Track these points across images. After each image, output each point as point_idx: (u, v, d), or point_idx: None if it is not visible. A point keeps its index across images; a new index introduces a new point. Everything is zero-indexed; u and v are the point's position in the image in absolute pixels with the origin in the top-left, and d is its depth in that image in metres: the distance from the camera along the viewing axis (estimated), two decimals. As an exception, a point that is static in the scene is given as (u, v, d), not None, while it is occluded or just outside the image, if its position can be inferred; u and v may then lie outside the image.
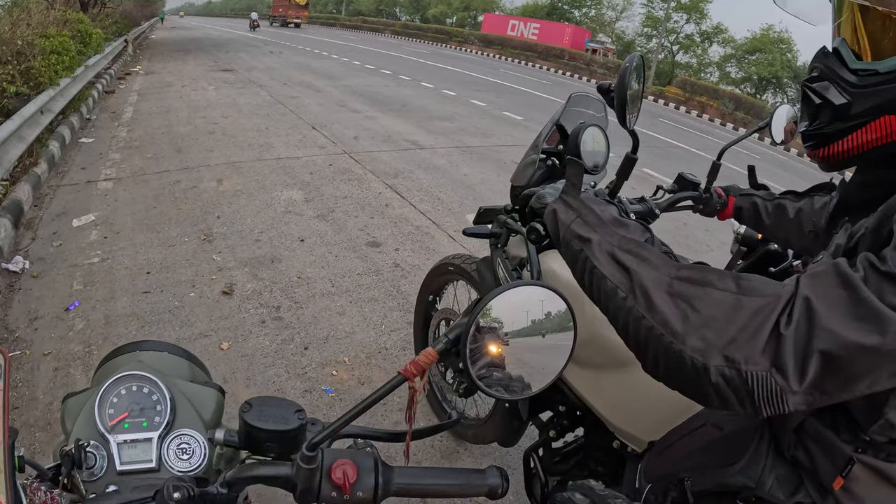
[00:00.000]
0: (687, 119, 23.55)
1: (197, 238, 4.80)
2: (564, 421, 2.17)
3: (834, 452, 1.12)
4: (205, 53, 19.34)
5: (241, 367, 3.31)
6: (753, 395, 0.84)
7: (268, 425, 0.96)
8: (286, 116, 9.90)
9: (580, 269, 1.14)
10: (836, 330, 0.79)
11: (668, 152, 12.95)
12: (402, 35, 49.01)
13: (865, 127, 1.00)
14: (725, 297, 0.90)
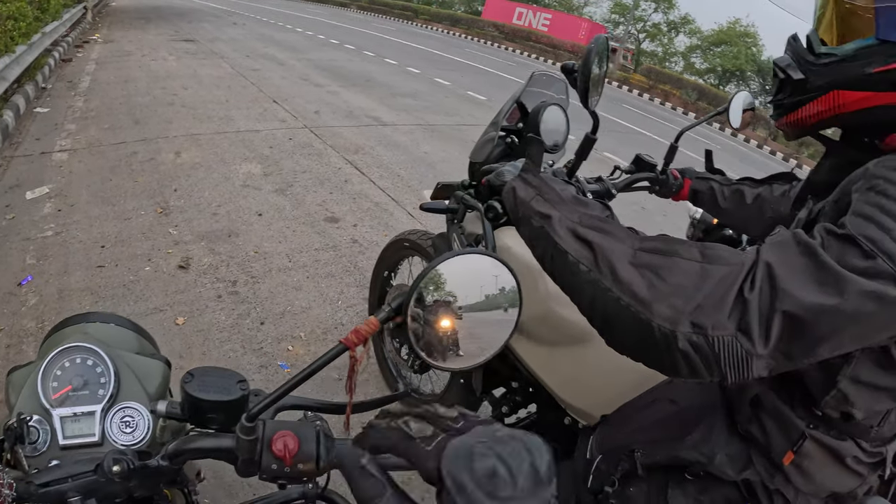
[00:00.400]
0: (650, 106, 23.70)
1: (153, 211, 4.76)
2: (517, 397, 2.19)
3: (787, 427, 1.19)
4: (166, 22, 18.97)
5: (196, 342, 3.30)
6: (720, 361, 0.87)
7: (209, 396, 0.94)
8: (247, 89, 9.80)
9: (540, 246, 1.14)
10: (797, 292, 0.84)
11: (630, 137, 13.09)
12: (368, 10, 48.35)
13: (817, 99, 1.11)
14: (691, 265, 0.93)
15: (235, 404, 0.95)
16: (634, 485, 1.48)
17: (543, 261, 1.14)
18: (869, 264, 0.83)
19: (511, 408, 2.20)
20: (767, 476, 1.25)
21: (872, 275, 0.82)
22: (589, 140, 1.78)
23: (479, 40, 35.19)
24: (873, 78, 1.02)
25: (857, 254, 0.84)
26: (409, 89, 12.52)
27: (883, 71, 1.00)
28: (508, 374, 2.16)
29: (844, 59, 1.06)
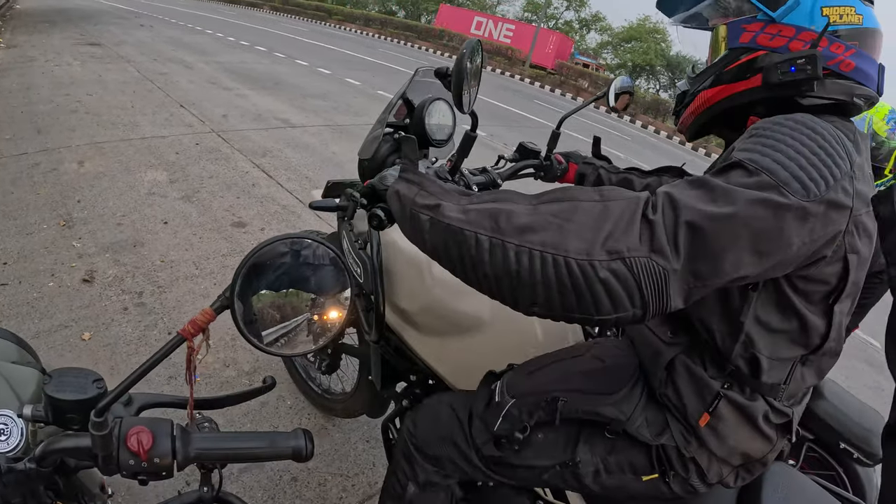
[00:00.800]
0: (561, 101, 24.06)
1: (56, 224, 4.68)
2: (417, 390, 2.24)
3: (702, 389, 1.32)
4: (72, 25, 18.36)
5: (103, 357, 3.29)
6: (641, 284, 0.95)
7: (66, 395, 0.96)
8: (154, 94, 9.61)
9: (431, 236, 1.14)
10: (695, 206, 0.96)
11: (540, 132, 13.31)
12: (281, 11, 47.55)
13: (693, 101, 1.47)
14: (592, 205, 1.01)
15: (92, 402, 0.94)
16: (546, 433, 1.54)
17: (437, 252, 1.15)
18: (754, 179, 0.99)
19: (411, 400, 2.23)
20: (683, 442, 1.36)
21: (757, 187, 0.98)
22: (469, 137, 1.84)
23: (392, 40, 35.17)
24: (726, 75, 1.36)
25: (742, 173, 1.01)
26: (319, 90, 12.50)
27: (730, 69, 1.34)
28: (407, 367, 2.20)
29: (710, 69, 1.41)
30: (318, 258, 1.08)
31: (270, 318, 1.06)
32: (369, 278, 1.96)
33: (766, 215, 0.97)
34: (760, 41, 1.28)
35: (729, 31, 1.35)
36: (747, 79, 1.31)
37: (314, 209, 1.98)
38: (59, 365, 3.01)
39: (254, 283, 1.01)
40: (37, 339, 3.26)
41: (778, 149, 1.03)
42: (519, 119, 15.32)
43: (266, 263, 1.03)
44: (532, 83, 29.32)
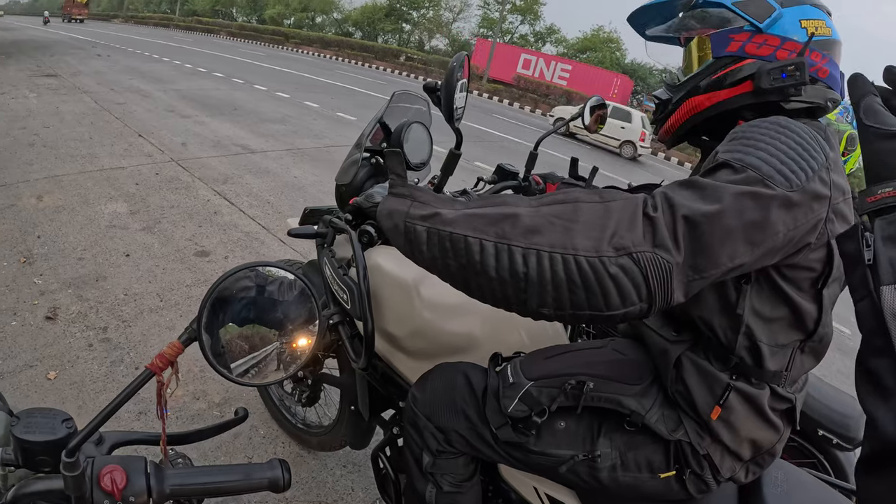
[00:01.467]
0: (520, 114, 24.38)
1: (17, 261, 4.61)
2: None
3: (711, 382, 1.37)
4: (28, 57, 18.16)
5: (70, 395, 3.23)
6: (648, 279, 0.97)
7: (35, 437, 0.92)
8: (112, 124, 9.53)
9: (430, 247, 1.12)
10: (690, 204, 1.01)
11: (501, 146, 13.51)
12: (238, 37, 47.59)
13: (678, 108, 1.51)
14: (594, 206, 1.05)
15: (63, 443, 0.91)
16: (567, 421, 1.55)
17: (436, 263, 1.12)
18: (741, 176, 1.05)
19: (402, 428, 2.11)
20: (697, 439, 1.40)
21: (744, 182, 1.04)
22: (453, 155, 1.86)
23: (350, 61, 35.30)
24: (713, 83, 1.42)
25: (729, 172, 1.07)
26: (277, 114, 12.52)
27: (719, 76, 1.41)
28: (394, 393, 2.14)
29: (694, 77, 1.47)
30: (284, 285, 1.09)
31: (239, 348, 1.06)
32: (356, 304, 1.87)
33: (755, 206, 1.02)
34: (749, 50, 1.36)
35: (714, 41, 1.42)
36: (736, 85, 1.39)
37: (293, 237, 1.99)
38: (26, 406, 3.01)
39: (220, 313, 1.01)
40: (1, 381, 3.22)
41: (760, 147, 1.10)
42: (479, 134, 15.45)
43: (232, 293, 1.03)
44: (490, 98, 29.61)
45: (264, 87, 16.73)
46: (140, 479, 0.90)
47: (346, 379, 2.38)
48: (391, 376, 2.07)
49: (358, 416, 2.29)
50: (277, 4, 58.87)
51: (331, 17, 55.06)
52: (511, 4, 43.72)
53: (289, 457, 3.02)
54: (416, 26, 50.01)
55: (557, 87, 34.20)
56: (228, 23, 60.36)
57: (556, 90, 32.47)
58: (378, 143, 2.11)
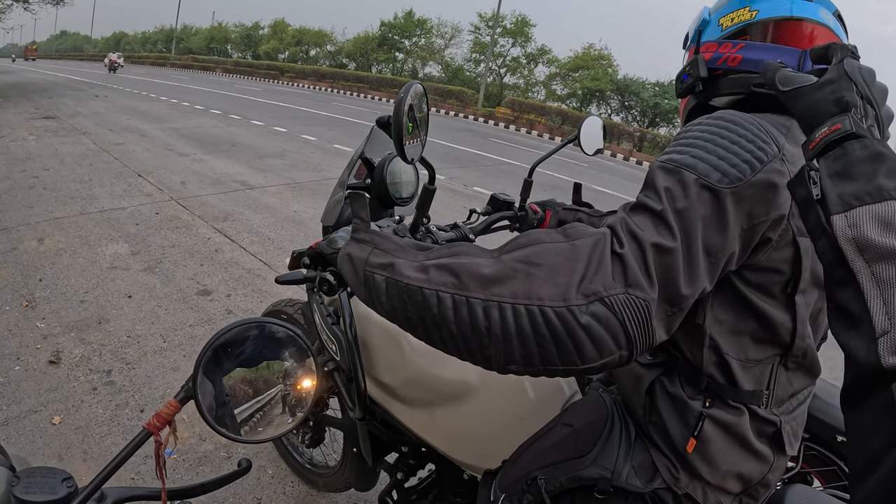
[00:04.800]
0: (517, 136, 24.44)
1: (19, 305, 4.62)
2: (410, 460, 2.14)
3: (684, 412, 1.24)
4: (26, 100, 18.27)
5: (75, 441, 3.20)
6: (625, 322, 0.88)
7: (35, 497, 0.91)
8: (111, 165, 9.59)
9: (388, 297, 1.06)
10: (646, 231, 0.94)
11: (498, 169, 13.51)
12: (233, 73, 48.01)
13: None
14: (560, 246, 0.95)
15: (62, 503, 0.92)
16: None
17: (396, 314, 1.06)
18: (675, 178, 0.99)
19: (406, 472, 2.14)
20: (672, 479, 1.27)
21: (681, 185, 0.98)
22: (427, 191, 1.70)
23: (345, 92, 35.51)
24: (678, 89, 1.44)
25: (664, 175, 1.00)
26: (275, 149, 12.57)
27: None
28: (396, 438, 2.07)
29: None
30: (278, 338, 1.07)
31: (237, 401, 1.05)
32: (345, 355, 1.83)
33: (703, 212, 0.97)
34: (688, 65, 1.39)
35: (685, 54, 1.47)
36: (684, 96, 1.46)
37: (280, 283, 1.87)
38: (32, 452, 3.01)
39: (215, 370, 1.00)
40: (6, 427, 3.21)
41: (695, 145, 1.04)
42: (476, 158, 15.47)
43: (226, 350, 1.02)
44: (486, 122, 29.73)
45: (261, 122, 16.83)
46: None
47: (347, 421, 2.33)
48: (391, 422, 2.00)
49: (361, 459, 2.23)
50: (271, 39, 59.42)
51: (324, 49, 55.44)
52: (502, 28, 44.00)
53: (297, 496, 3.00)
54: (409, 55, 50.29)
55: (552, 107, 34.28)
56: (224, 59, 60.78)
57: (550, 110, 32.60)
58: (362, 180, 2.02)
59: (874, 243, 0.73)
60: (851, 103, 0.85)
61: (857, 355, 0.72)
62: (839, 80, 0.88)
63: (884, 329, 0.70)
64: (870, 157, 0.78)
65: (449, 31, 50.15)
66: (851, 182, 0.78)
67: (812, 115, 0.88)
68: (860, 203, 0.75)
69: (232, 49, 69.42)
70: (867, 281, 0.73)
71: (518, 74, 46.64)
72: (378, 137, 2.04)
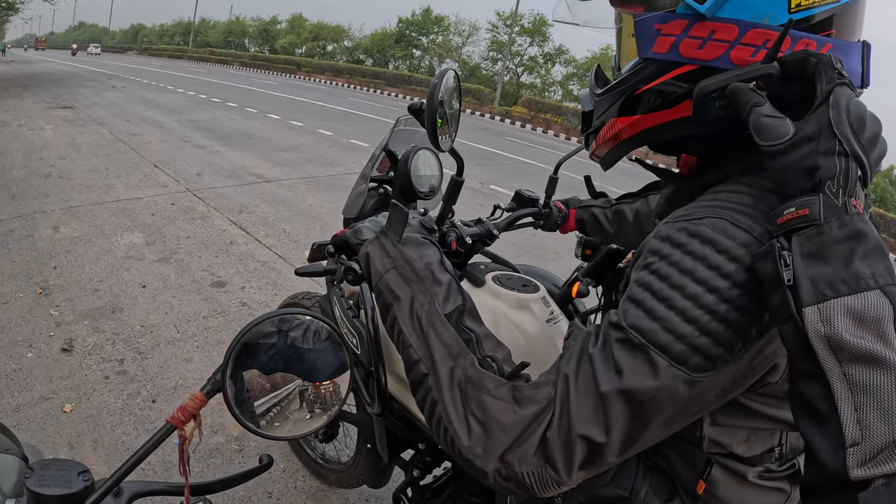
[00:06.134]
0: (533, 136, 24.37)
1: (33, 292, 4.61)
2: (427, 458, 2.09)
3: (692, 457, 1.12)
4: (44, 90, 18.39)
5: (86, 429, 3.18)
6: (532, 488, 0.87)
7: (49, 490, 0.89)
8: (127, 155, 9.62)
9: (389, 324, 1.08)
10: (582, 431, 0.83)
11: (515, 168, 13.47)
12: (251, 67, 48.18)
13: (601, 130, 1.11)
14: (503, 406, 0.89)
15: (78, 497, 0.89)
16: None
17: (392, 334, 1.08)
18: (641, 359, 0.81)
19: (422, 470, 2.08)
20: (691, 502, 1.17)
21: (649, 373, 0.81)
22: (455, 183, 1.63)
23: (362, 88, 35.50)
24: (640, 99, 1.00)
25: (625, 351, 0.83)
26: (292, 143, 12.56)
27: (647, 90, 0.98)
28: (413, 435, 2.02)
29: (618, 85, 1.04)
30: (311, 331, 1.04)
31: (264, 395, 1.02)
32: (366, 349, 1.79)
33: (667, 402, 0.82)
34: (684, 51, 0.92)
35: (638, 32, 0.96)
36: (671, 107, 0.97)
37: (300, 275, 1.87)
38: (42, 440, 2.97)
39: (246, 363, 0.97)
40: (17, 413, 3.19)
41: (673, 305, 0.81)
42: (493, 157, 15.43)
43: (258, 342, 0.99)
44: (502, 120, 29.66)
45: (278, 116, 16.85)
46: None
47: (362, 416, 2.30)
48: (409, 418, 1.94)
49: (375, 456, 2.21)
50: (289, 34, 59.58)
51: (342, 45, 55.56)
52: (520, 27, 43.93)
53: (309, 491, 2.97)
54: (426, 52, 50.32)
55: (569, 107, 34.16)
56: (241, 53, 61.02)
57: (567, 110, 32.48)
58: (385, 172, 2.03)
59: (848, 344, 0.66)
60: (826, 176, 0.72)
61: (822, 458, 0.68)
62: (819, 136, 0.74)
63: (854, 440, 0.65)
64: (847, 237, 0.70)
65: (466, 29, 50.22)
66: (825, 265, 0.70)
67: (782, 183, 0.76)
68: (835, 294, 0.68)
69: (249, 43, 69.66)
70: (838, 383, 0.67)
71: (535, 73, 46.63)
72: (402, 130, 2.02)
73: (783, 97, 0.82)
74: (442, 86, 1.32)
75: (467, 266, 1.79)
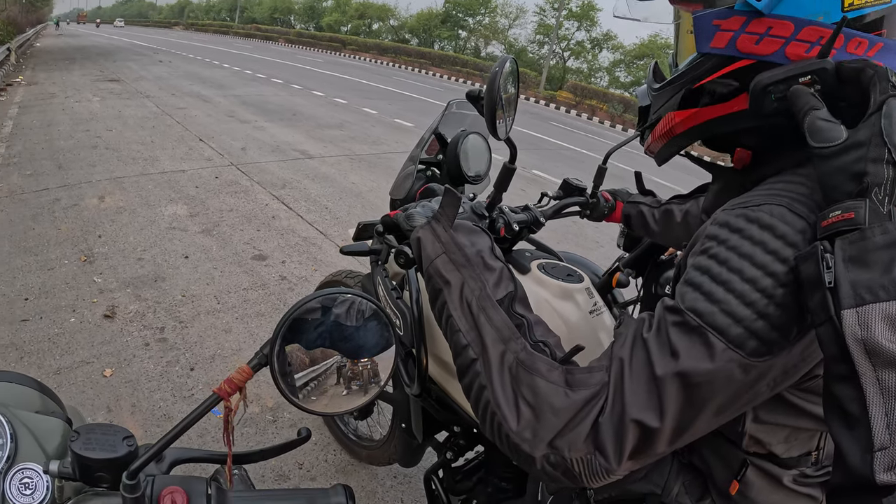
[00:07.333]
0: (577, 122, 24.12)
1: (77, 259, 4.68)
2: (461, 441, 2.08)
3: (727, 456, 1.13)
4: (91, 63, 18.68)
5: (125, 393, 3.23)
6: (580, 476, 0.87)
7: (94, 454, 0.88)
8: (173, 128, 9.72)
9: (438, 309, 1.10)
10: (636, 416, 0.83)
11: (559, 154, 13.32)
12: (296, 44, 48.38)
13: (658, 124, 1.16)
14: (555, 389, 0.90)
15: (122, 462, 0.88)
16: None
17: (440, 324, 1.10)
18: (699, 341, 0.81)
19: (456, 452, 2.07)
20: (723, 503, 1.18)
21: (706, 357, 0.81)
22: (507, 170, 1.61)
23: (407, 67, 35.45)
24: (697, 93, 1.04)
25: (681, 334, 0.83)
26: (336, 120, 12.58)
27: (705, 83, 1.02)
28: (449, 417, 1.99)
29: (676, 79, 1.08)
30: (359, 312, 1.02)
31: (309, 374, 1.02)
32: (409, 330, 1.76)
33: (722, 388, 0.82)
34: (742, 46, 0.95)
35: (697, 27, 0.99)
36: (728, 100, 1.01)
37: (345, 254, 1.89)
38: (81, 402, 3.00)
39: (291, 338, 0.96)
40: (58, 376, 3.24)
41: (732, 288, 0.82)
42: (535, 141, 15.19)
43: (306, 318, 0.97)
44: (547, 105, 29.42)
45: (322, 93, 16.89)
46: (201, 501, 0.88)
47: (398, 396, 2.28)
48: (446, 400, 1.93)
49: (409, 435, 2.20)
50: (335, 12, 59.67)
51: (387, 24, 55.53)
52: (567, 11, 43.49)
53: (339, 465, 2.98)
54: (472, 33, 50.06)
55: (614, 94, 33.76)
56: (287, 30, 61.27)
57: (613, 97, 32.14)
58: (434, 155, 2.04)
59: (884, 349, 0.67)
60: (874, 183, 0.73)
61: (849, 460, 0.69)
62: (869, 142, 0.75)
63: (882, 443, 0.66)
64: (889, 244, 0.70)
65: (513, 11, 49.96)
66: (866, 270, 0.70)
67: (829, 186, 0.77)
68: (874, 299, 0.68)
69: (295, 20, 69.94)
70: (871, 387, 0.68)
71: (581, 59, 46.16)
72: (452, 114, 2.03)
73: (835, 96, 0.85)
74: (502, 74, 1.31)
75: (512, 252, 1.78)
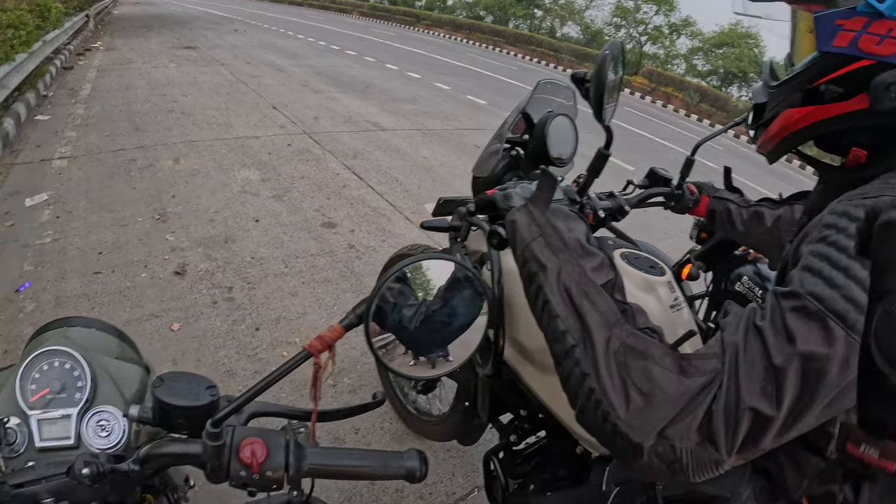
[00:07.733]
0: (652, 108, 23.66)
1: (151, 218, 4.77)
2: (526, 424, 2.06)
3: (804, 465, 1.09)
4: (168, 30, 18.99)
5: (190, 348, 3.31)
6: (686, 469, 0.85)
7: (177, 401, 0.93)
8: (247, 96, 9.81)
9: (533, 294, 1.08)
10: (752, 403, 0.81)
11: (630, 141, 13.06)
12: (370, 16, 48.46)
13: (774, 120, 1.12)
14: (668, 376, 0.88)
15: (204, 410, 0.93)
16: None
17: (533, 310, 1.09)
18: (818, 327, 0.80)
19: (519, 435, 2.06)
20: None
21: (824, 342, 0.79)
22: (602, 156, 1.63)
23: (481, 45, 35.19)
24: (815, 91, 1.03)
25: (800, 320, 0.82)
26: (408, 94, 12.52)
27: (824, 82, 1.01)
28: (516, 400, 1.99)
29: (792, 80, 1.07)
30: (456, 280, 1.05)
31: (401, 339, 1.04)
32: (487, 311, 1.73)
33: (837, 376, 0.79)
34: (864, 46, 0.93)
35: (818, 27, 0.98)
36: (848, 98, 0.99)
37: (425, 229, 1.91)
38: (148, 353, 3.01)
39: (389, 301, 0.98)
40: (127, 327, 3.24)
41: (852, 275, 0.81)
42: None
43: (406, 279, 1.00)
44: (622, 90, 28.98)
45: (395, 67, 16.82)
46: (280, 454, 0.90)
47: (465, 375, 2.25)
48: (514, 382, 1.89)
49: (471, 414, 2.19)
50: (410, -15, 59.59)
51: (462, 0, 55.22)
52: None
53: (394, 433, 3.01)
54: (548, 12, 49.37)
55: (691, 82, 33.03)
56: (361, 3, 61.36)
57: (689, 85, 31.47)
58: (519, 135, 1.98)
59: None
60: None
61: None
62: None
63: None
64: None
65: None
66: None
67: None
68: None
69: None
70: None
71: (659, 44, 45.12)
72: (541, 95, 2.00)
73: None
74: (610, 58, 1.32)
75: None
